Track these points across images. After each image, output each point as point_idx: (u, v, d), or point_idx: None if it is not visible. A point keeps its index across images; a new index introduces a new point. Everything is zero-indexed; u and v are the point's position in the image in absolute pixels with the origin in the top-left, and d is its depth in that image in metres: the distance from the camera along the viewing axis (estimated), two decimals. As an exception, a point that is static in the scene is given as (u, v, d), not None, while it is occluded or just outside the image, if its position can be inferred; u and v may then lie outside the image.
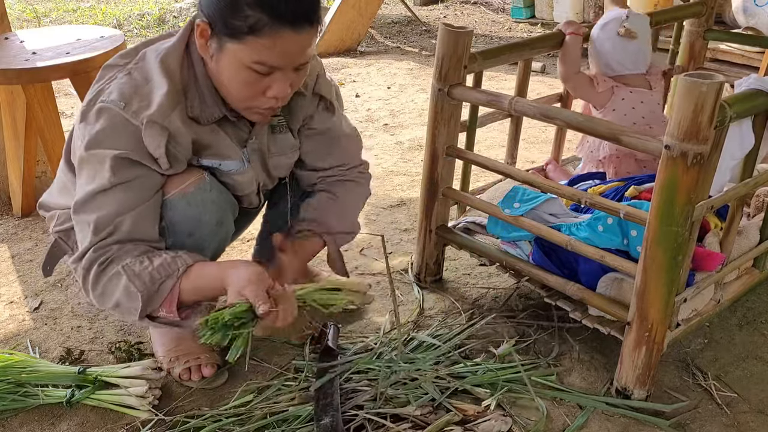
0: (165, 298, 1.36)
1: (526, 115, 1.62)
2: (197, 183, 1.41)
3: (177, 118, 1.34)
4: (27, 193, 2.46)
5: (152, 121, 1.31)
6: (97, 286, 1.36)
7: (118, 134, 1.32)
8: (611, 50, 2.06)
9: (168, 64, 1.36)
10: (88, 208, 1.36)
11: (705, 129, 1.26)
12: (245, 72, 1.32)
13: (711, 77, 1.24)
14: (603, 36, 2.07)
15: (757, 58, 3.54)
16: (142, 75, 1.36)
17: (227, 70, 1.33)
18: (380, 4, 4.82)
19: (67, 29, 2.53)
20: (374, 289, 2.00)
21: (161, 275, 1.34)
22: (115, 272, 1.35)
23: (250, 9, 1.25)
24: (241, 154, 1.51)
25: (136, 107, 1.32)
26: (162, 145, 1.32)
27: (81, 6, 6.23)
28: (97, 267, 1.35)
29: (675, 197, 1.31)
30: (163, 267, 1.35)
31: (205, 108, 1.40)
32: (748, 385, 1.63)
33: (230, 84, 1.35)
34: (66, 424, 1.51)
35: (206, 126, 1.43)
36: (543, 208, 1.67)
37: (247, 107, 1.41)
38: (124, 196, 1.34)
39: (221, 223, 1.49)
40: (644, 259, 1.40)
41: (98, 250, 1.35)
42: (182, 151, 1.38)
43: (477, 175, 2.45)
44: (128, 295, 1.35)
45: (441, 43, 1.70)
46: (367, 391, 1.53)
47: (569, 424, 1.49)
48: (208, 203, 1.43)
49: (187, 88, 1.38)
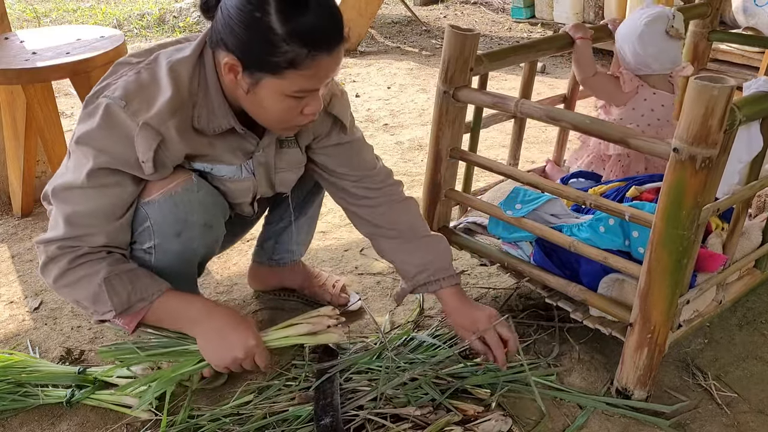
0: (131, 315, 1.38)
1: (532, 117, 1.62)
2: (184, 183, 1.40)
3: (173, 127, 1.32)
4: (27, 193, 2.46)
5: (148, 124, 1.30)
6: (61, 278, 1.36)
7: (111, 132, 1.31)
8: (655, 49, 1.98)
9: (178, 72, 1.35)
10: (65, 198, 1.35)
11: (714, 133, 1.25)
12: (287, 101, 1.31)
13: (722, 81, 1.23)
14: (648, 34, 1.97)
15: (758, 58, 3.54)
16: (149, 77, 1.35)
17: (266, 101, 1.32)
18: (380, 4, 4.82)
19: (67, 29, 2.53)
20: (374, 289, 2.00)
21: (137, 297, 1.37)
22: (87, 273, 1.35)
23: (287, 45, 1.23)
24: (236, 161, 1.48)
25: (136, 107, 1.31)
26: (152, 149, 1.30)
27: (81, 6, 6.23)
28: (66, 263, 1.34)
29: (682, 200, 1.31)
30: (142, 289, 1.38)
31: (213, 119, 1.38)
32: (748, 385, 1.63)
33: (270, 113, 1.35)
34: (66, 424, 1.51)
35: (206, 138, 1.41)
36: (544, 209, 1.67)
37: (285, 128, 1.42)
38: (99, 203, 1.34)
39: (210, 225, 1.47)
40: (649, 261, 1.39)
41: (67, 248, 1.35)
42: (171, 158, 1.37)
43: (478, 175, 2.45)
44: (95, 301, 1.36)
45: (447, 46, 1.70)
46: (367, 391, 1.52)
47: (569, 424, 1.49)
48: (195, 204, 1.42)
49: (196, 99, 1.36)
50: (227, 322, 1.41)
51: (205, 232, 1.46)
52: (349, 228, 2.36)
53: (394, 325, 1.83)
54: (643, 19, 1.98)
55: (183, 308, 1.43)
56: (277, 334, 1.48)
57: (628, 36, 2.00)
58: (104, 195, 1.34)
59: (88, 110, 1.35)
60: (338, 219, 2.41)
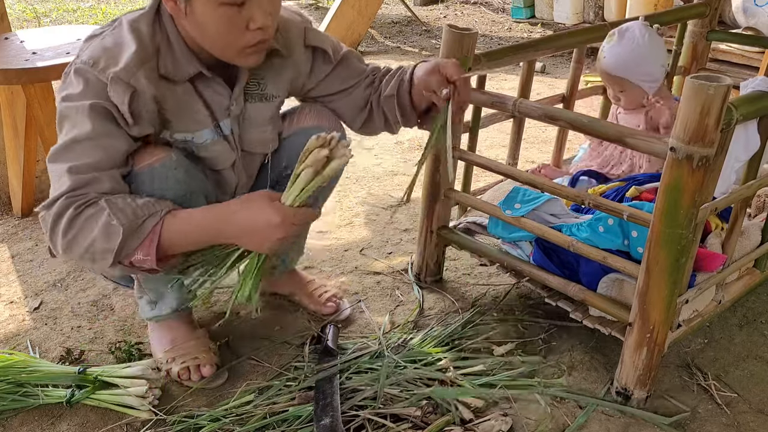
0: (145, 237, 1.32)
1: (531, 116, 1.62)
2: (163, 159, 1.40)
3: (143, 76, 1.35)
4: (27, 193, 2.45)
5: (117, 77, 1.32)
6: (70, 229, 1.31)
7: (90, 89, 1.33)
8: (657, 54, 1.91)
9: (138, 27, 1.38)
10: (64, 157, 1.34)
11: (711, 132, 1.25)
12: (221, 9, 1.32)
13: (718, 80, 1.23)
14: (654, 43, 1.90)
15: (757, 58, 3.54)
16: (113, 39, 1.38)
17: (202, 18, 1.33)
18: (380, 4, 4.82)
19: (67, 29, 2.53)
20: (374, 289, 2.00)
21: (144, 213, 1.32)
22: (94, 211, 1.31)
23: None
24: (212, 120, 1.48)
25: (103, 65, 1.33)
26: (125, 101, 1.32)
27: (81, 6, 6.23)
28: (72, 210, 1.31)
29: (680, 199, 1.31)
30: (147, 205, 1.33)
31: (178, 66, 1.41)
32: (748, 385, 1.63)
33: (211, 30, 1.35)
34: (66, 424, 1.51)
35: (181, 86, 1.43)
36: (544, 208, 1.67)
37: (238, 50, 1.39)
38: (100, 153, 1.33)
39: (185, 204, 1.42)
40: (647, 261, 1.40)
41: (73, 196, 1.32)
42: (147, 109, 1.37)
43: (477, 175, 2.45)
44: (106, 234, 1.30)
45: (445, 45, 1.70)
46: (367, 391, 1.53)
47: (569, 424, 1.49)
48: (171, 180, 1.41)
49: (159, 48, 1.40)
50: (247, 215, 1.34)
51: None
52: (349, 228, 2.36)
53: (394, 325, 1.83)
54: (642, 37, 1.89)
55: (199, 219, 1.36)
56: (292, 194, 1.37)
57: (640, 60, 1.90)
58: (104, 146, 1.33)
59: (64, 83, 1.38)
60: (338, 219, 2.42)
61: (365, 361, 1.63)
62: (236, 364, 1.68)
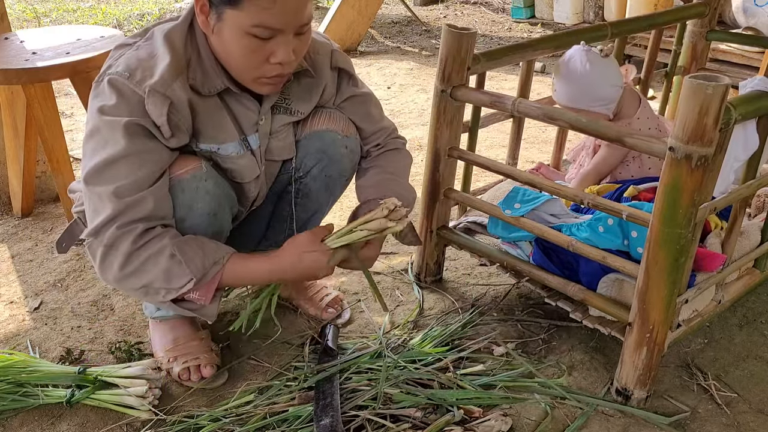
0: (207, 282, 1.38)
1: (530, 116, 1.62)
2: (194, 171, 1.42)
3: (179, 88, 1.36)
4: (27, 193, 2.46)
5: (154, 89, 1.33)
6: (127, 264, 1.33)
7: (126, 102, 1.34)
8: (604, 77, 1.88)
9: (172, 39, 1.39)
10: (103, 179, 1.34)
11: (710, 131, 1.25)
12: (246, 39, 1.33)
13: (716, 79, 1.24)
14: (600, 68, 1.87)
15: (757, 58, 3.54)
16: (147, 50, 1.39)
17: (229, 39, 1.35)
18: (380, 4, 4.82)
19: (67, 29, 2.53)
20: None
21: (209, 262, 1.37)
22: (156, 250, 1.33)
23: None
24: (239, 136, 1.50)
25: (139, 77, 1.34)
26: (164, 113, 1.33)
27: (81, 6, 6.23)
28: (130, 244, 1.32)
29: (679, 199, 1.31)
30: (211, 253, 1.38)
31: (207, 80, 1.42)
32: (748, 385, 1.63)
33: (234, 54, 1.37)
34: (66, 424, 1.51)
35: (210, 100, 1.44)
36: (544, 208, 1.67)
37: (254, 78, 1.41)
38: (139, 170, 1.34)
39: (215, 214, 1.47)
40: (646, 261, 1.40)
41: (124, 227, 1.33)
42: (184, 120, 1.39)
43: (477, 175, 2.45)
44: (168, 277, 1.34)
45: (444, 45, 1.70)
46: (367, 391, 1.53)
47: (569, 424, 1.49)
48: (201, 192, 1.43)
49: (190, 61, 1.41)
50: (301, 269, 1.43)
51: (210, 221, 1.46)
52: (349, 228, 2.36)
53: (394, 325, 1.83)
54: (583, 66, 1.87)
55: (254, 266, 1.44)
56: (340, 242, 1.44)
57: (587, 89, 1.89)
58: (143, 163, 1.34)
59: (96, 91, 1.38)
60: (338, 219, 2.41)
61: (365, 362, 1.63)
62: (236, 365, 1.68)
